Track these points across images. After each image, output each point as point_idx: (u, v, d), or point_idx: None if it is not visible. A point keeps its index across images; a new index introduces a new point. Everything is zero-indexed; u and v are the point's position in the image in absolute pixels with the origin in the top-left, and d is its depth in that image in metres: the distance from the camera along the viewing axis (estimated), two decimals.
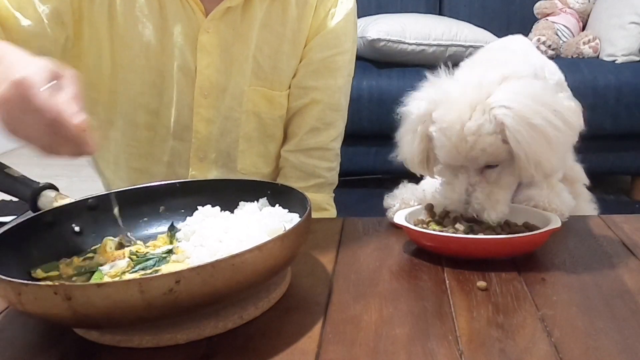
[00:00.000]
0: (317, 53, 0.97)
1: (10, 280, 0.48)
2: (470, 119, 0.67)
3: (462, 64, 0.86)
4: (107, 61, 0.90)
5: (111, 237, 0.69)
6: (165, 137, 0.96)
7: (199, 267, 0.48)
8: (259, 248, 0.52)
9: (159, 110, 0.94)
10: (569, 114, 0.69)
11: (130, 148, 0.98)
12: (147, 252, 0.66)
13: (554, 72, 0.84)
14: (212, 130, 0.96)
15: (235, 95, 0.95)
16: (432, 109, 0.71)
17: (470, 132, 0.66)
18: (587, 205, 0.94)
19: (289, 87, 0.99)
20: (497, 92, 0.67)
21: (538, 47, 2.29)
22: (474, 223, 0.72)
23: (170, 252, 0.66)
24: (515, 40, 0.93)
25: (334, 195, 1.07)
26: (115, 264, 0.63)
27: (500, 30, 2.23)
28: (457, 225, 0.71)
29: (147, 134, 0.97)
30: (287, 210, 0.68)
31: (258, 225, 0.64)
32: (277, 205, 0.69)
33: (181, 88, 0.93)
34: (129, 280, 0.46)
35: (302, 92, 0.98)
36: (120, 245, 0.68)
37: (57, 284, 0.47)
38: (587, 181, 0.94)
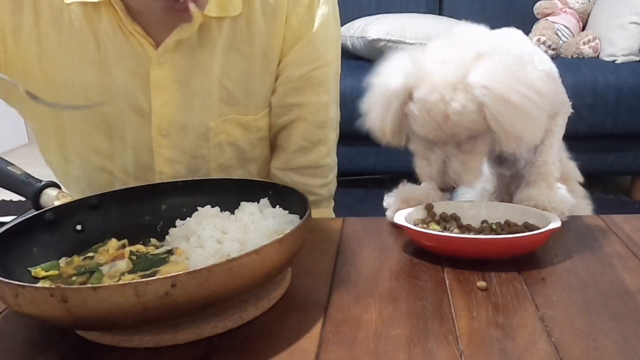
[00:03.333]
0: (294, 70, 0.87)
1: (7, 282, 0.48)
2: (453, 100, 0.68)
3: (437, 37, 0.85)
4: (47, 97, 0.80)
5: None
6: (126, 180, 0.88)
7: (195, 271, 0.48)
8: (256, 252, 0.51)
9: (112, 153, 0.87)
10: (540, 84, 0.72)
11: (92, 187, 0.90)
12: (147, 253, 0.66)
13: (544, 62, 0.84)
14: (178, 170, 0.88)
15: (201, 132, 0.86)
16: (411, 85, 0.71)
17: (455, 112, 0.68)
18: (581, 201, 0.95)
19: (269, 106, 0.90)
20: (475, 71, 0.69)
21: (538, 47, 2.29)
22: (467, 229, 0.73)
23: (169, 252, 0.66)
24: (508, 30, 0.92)
25: (333, 203, 1.01)
26: (114, 264, 0.63)
27: None
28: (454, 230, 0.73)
29: (105, 176, 0.89)
30: (287, 211, 0.68)
31: (258, 227, 0.64)
32: (277, 206, 0.69)
33: (136, 129, 0.84)
34: (124, 284, 0.46)
35: (285, 110, 0.90)
36: (121, 245, 0.68)
37: (53, 286, 0.47)
38: (580, 178, 0.95)
